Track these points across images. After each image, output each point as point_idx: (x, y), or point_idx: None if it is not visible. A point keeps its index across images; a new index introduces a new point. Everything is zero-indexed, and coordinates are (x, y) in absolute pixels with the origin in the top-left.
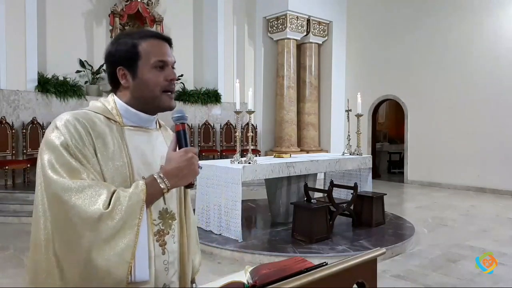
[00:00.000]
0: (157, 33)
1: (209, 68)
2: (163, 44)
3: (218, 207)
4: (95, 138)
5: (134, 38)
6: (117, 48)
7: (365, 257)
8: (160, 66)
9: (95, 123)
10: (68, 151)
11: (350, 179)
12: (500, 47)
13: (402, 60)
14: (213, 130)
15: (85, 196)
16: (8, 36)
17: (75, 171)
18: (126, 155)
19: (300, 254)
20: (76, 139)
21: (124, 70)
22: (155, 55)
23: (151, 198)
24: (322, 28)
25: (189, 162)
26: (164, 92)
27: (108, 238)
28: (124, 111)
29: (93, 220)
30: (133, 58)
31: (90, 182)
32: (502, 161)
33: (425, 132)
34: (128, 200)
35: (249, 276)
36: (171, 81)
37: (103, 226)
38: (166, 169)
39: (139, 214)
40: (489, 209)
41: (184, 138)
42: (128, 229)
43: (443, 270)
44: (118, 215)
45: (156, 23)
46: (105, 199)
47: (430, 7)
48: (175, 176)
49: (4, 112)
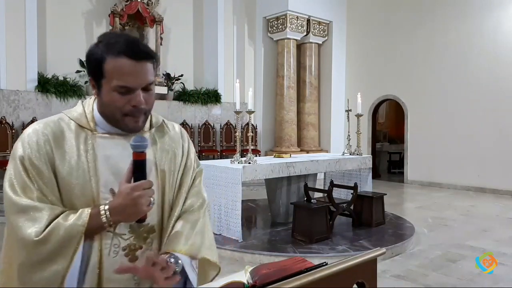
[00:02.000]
0: (132, 49)
1: (209, 68)
2: (133, 65)
3: (218, 207)
4: (55, 151)
5: (103, 51)
6: (88, 57)
7: (365, 257)
8: (122, 91)
9: (63, 133)
10: (24, 166)
11: (350, 179)
12: (500, 47)
13: (402, 60)
14: (213, 130)
15: (26, 217)
16: (8, 36)
17: (26, 188)
18: (91, 166)
19: (300, 254)
20: (34, 153)
21: (92, 81)
22: (118, 79)
23: (92, 231)
24: (322, 28)
25: (134, 201)
26: (127, 115)
27: (38, 261)
28: (98, 119)
29: (27, 243)
30: (98, 75)
31: (35, 204)
32: (502, 161)
33: (425, 132)
34: (65, 231)
35: (249, 276)
36: (134, 107)
37: (36, 251)
38: (112, 204)
39: (76, 245)
40: (489, 209)
41: (142, 169)
42: (61, 257)
43: (443, 270)
44: (52, 243)
45: (156, 23)
46: (41, 226)
47: (430, 7)
48: (119, 213)
49: (4, 112)
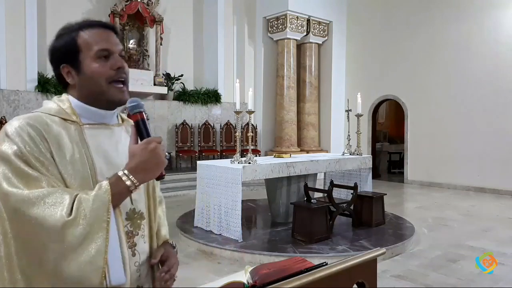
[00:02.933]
0: (98, 21)
1: (209, 68)
2: (105, 32)
3: (218, 207)
4: (50, 142)
5: (73, 30)
6: (55, 44)
7: (365, 257)
8: (104, 55)
9: (50, 126)
10: (23, 160)
11: (350, 179)
12: (501, 47)
13: (402, 60)
14: (213, 130)
15: (46, 205)
16: (8, 36)
17: (33, 180)
18: (88, 157)
19: (300, 254)
20: (30, 145)
21: (68, 67)
22: (97, 44)
23: (117, 198)
24: (322, 28)
25: (153, 153)
26: (112, 83)
27: (75, 246)
28: (80, 109)
29: (57, 229)
30: (73, 52)
31: (50, 190)
32: (502, 161)
33: (425, 132)
34: (92, 203)
35: (249, 276)
36: (118, 69)
37: (68, 235)
38: (130, 165)
39: (106, 217)
40: (489, 209)
41: (144, 128)
42: (95, 233)
43: (443, 270)
44: (83, 220)
45: (156, 23)
46: (67, 205)
47: (430, 7)
48: (142, 171)
49: (4, 112)
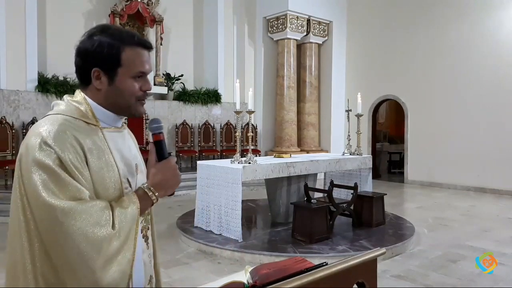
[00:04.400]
0: (141, 40)
1: (209, 68)
2: (146, 53)
3: (218, 207)
4: (86, 148)
5: (120, 42)
6: (96, 48)
7: (365, 257)
8: (139, 76)
9: (81, 132)
10: (64, 168)
11: (350, 179)
12: (501, 47)
13: (402, 60)
14: (213, 130)
15: (90, 218)
16: (8, 36)
17: (73, 191)
18: (112, 159)
19: (300, 254)
20: (70, 152)
21: (100, 73)
22: (138, 66)
23: (143, 210)
24: (322, 28)
25: (174, 173)
26: (139, 100)
27: (113, 256)
28: (98, 112)
29: (102, 242)
30: (114, 64)
31: (92, 202)
32: (502, 161)
33: (425, 132)
34: (127, 217)
35: (249, 276)
36: (145, 91)
37: (111, 246)
38: (154, 181)
39: (136, 229)
40: (490, 209)
41: (164, 148)
42: (127, 244)
43: (443, 270)
44: (122, 233)
45: (156, 23)
46: (109, 219)
47: (431, 7)
48: (163, 188)
49: (4, 112)
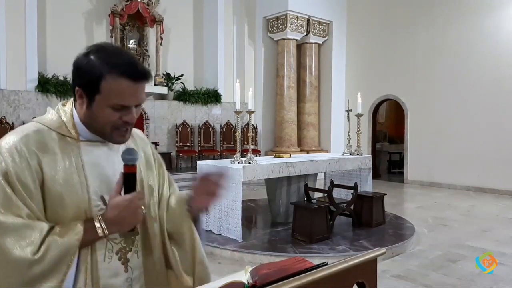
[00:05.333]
0: (133, 71)
1: (209, 68)
2: (132, 86)
3: (219, 207)
4: (43, 162)
5: (103, 68)
6: (83, 67)
7: (365, 257)
8: (118, 109)
9: (46, 144)
10: (8, 182)
11: (350, 179)
12: (501, 47)
13: (402, 60)
14: (213, 130)
15: (17, 238)
16: (8, 36)
17: (13, 206)
18: (82, 175)
19: (300, 254)
20: (19, 167)
21: (82, 93)
22: (117, 98)
23: (88, 243)
24: (322, 28)
25: (133, 213)
26: (116, 129)
27: (34, 281)
28: (80, 128)
29: (20, 266)
30: (93, 88)
31: (25, 222)
32: (502, 161)
33: (425, 132)
34: (61, 247)
35: (249, 276)
36: (126, 123)
37: (30, 271)
38: (109, 215)
39: (69, 261)
40: (489, 209)
41: (133, 182)
42: (53, 273)
43: (443, 270)
44: (47, 261)
45: (156, 23)
46: (36, 245)
47: (431, 7)
48: (117, 224)
49: (4, 112)
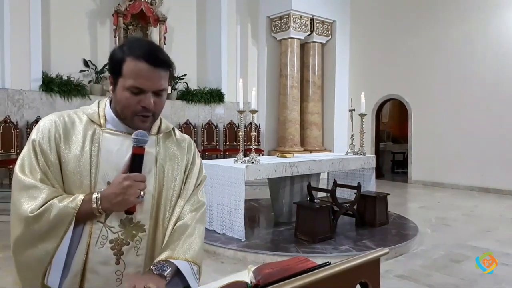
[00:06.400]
0: (151, 56)
1: (212, 67)
2: (150, 70)
3: (221, 206)
4: (64, 140)
5: (125, 52)
6: (113, 55)
7: (368, 257)
8: (134, 92)
9: (74, 125)
10: (35, 149)
11: (354, 178)
12: (505, 46)
13: (406, 59)
14: (216, 130)
15: (26, 194)
16: (12, 36)
17: (33, 170)
18: (94, 160)
19: (303, 253)
20: (44, 138)
21: (111, 80)
22: (133, 80)
23: (85, 214)
24: (325, 27)
25: (123, 191)
26: (136, 115)
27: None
28: (109, 117)
29: (22, 218)
30: (116, 73)
31: (36, 184)
32: (505, 161)
33: (429, 132)
34: (58, 211)
35: (252, 275)
36: (143, 108)
37: (29, 227)
38: (105, 191)
39: (66, 227)
40: (493, 209)
41: (139, 163)
42: (51, 237)
43: (446, 270)
44: (44, 222)
45: (159, 23)
46: (37, 204)
47: (434, 7)
48: (108, 201)
49: (9, 111)
